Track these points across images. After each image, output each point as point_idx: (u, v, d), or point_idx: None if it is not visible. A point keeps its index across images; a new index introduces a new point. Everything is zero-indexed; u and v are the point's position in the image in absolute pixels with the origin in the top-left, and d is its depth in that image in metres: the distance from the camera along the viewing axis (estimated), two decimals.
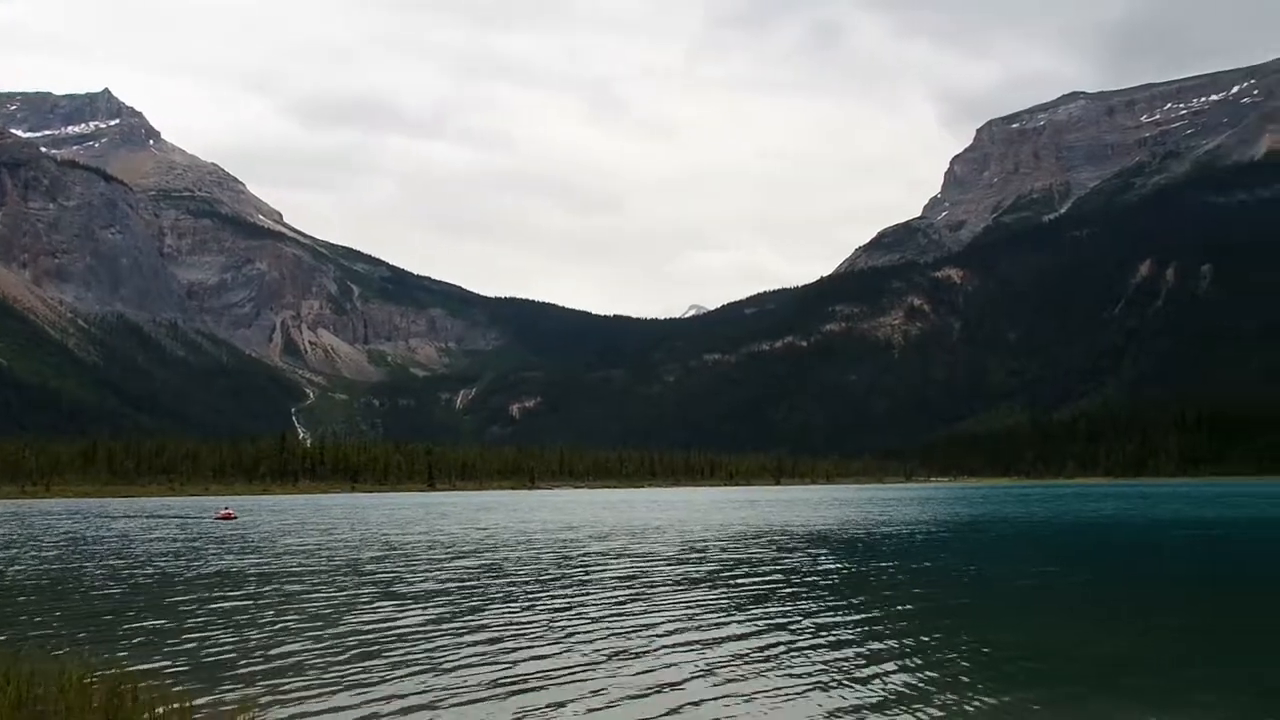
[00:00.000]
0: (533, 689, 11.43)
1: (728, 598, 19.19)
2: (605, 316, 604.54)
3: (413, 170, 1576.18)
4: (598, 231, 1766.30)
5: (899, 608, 17.81)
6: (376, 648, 14.13)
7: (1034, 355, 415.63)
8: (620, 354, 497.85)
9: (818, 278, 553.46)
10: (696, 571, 24.28)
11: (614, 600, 18.91)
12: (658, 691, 11.31)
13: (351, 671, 12.45)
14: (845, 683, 11.62)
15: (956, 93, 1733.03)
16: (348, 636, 15.20)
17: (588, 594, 19.96)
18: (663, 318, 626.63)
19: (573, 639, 14.66)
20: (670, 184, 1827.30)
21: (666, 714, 10.45)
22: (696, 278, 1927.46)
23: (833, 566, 25.33)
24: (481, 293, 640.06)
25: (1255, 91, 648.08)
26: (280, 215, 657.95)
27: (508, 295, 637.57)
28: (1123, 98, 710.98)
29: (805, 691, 11.26)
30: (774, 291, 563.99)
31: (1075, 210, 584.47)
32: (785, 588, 20.71)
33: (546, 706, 10.67)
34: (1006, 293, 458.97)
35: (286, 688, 11.58)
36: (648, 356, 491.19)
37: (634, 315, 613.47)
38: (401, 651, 13.78)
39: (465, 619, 16.84)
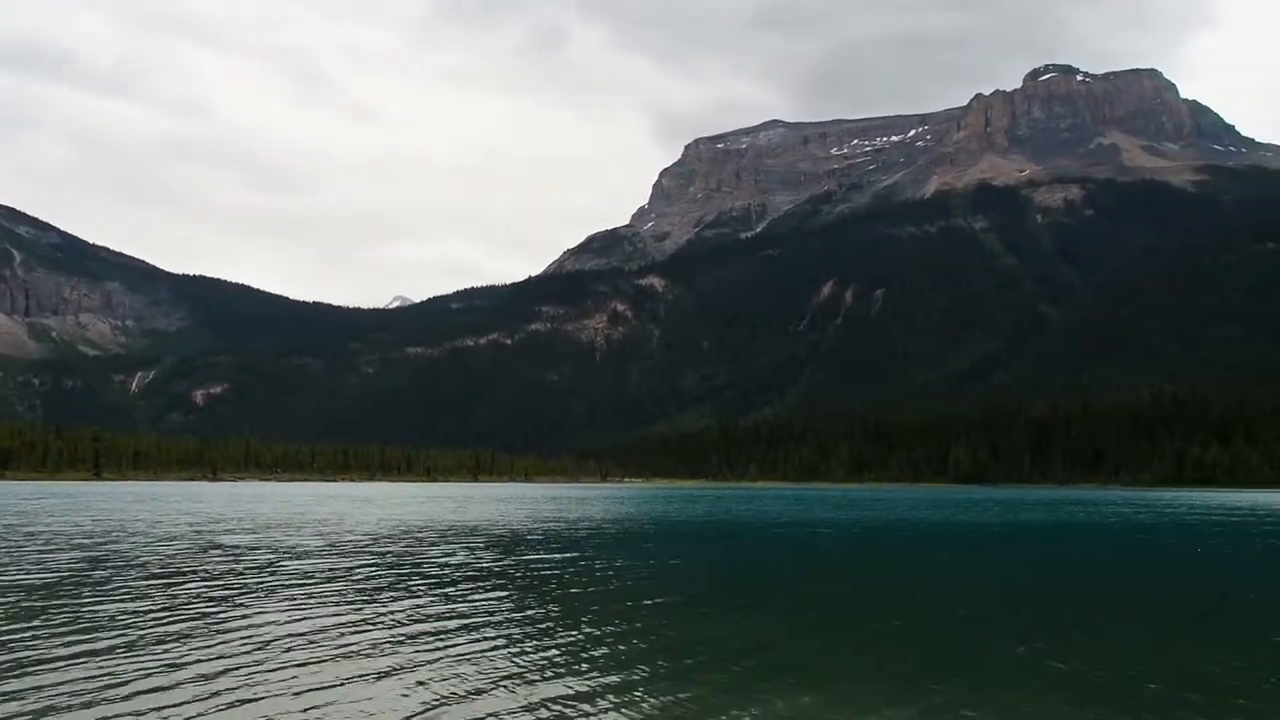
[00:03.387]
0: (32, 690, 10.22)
1: (347, 593, 18.35)
2: (302, 302, 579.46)
3: (91, 130, 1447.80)
4: (298, 212, 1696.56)
5: (520, 599, 17.67)
6: None
7: (725, 364, 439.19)
8: (317, 342, 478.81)
9: (525, 277, 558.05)
10: (332, 566, 23.24)
11: (218, 597, 17.60)
12: (199, 681, 10.42)
13: None
14: (422, 673, 11.20)
15: (667, 110, 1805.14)
16: None
17: (194, 590, 18.48)
18: (365, 307, 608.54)
19: (142, 638, 13.36)
20: (377, 170, 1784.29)
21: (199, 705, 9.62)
22: (402, 269, 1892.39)
23: (471, 560, 25.02)
24: (167, 269, 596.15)
25: (928, 136, 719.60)
26: None
27: (196, 273, 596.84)
28: (816, 130, 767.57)
29: (377, 683, 10.74)
30: (481, 288, 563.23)
31: (770, 230, 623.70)
32: (410, 581, 20.14)
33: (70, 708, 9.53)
34: (703, 303, 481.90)
35: None
36: (346, 346, 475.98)
37: (334, 303, 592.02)
38: None
39: (44, 618, 15.02)
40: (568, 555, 27.22)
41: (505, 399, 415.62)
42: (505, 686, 10.78)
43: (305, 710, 9.85)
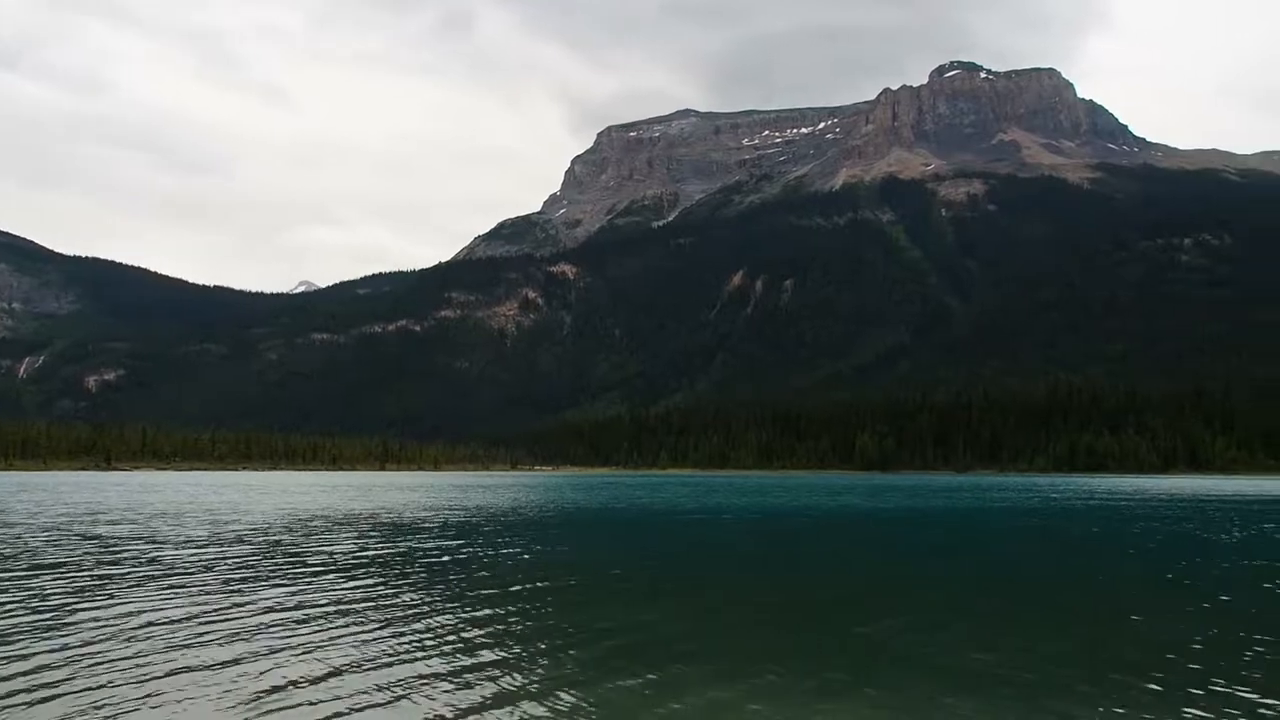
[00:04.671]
0: None
1: (220, 582, 17.72)
2: (203, 286, 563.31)
3: None
4: (200, 195, 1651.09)
5: (401, 586, 17.27)
6: None
7: (636, 352, 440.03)
8: (218, 327, 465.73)
9: (435, 263, 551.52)
10: (211, 556, 22.51)
11: (82, 588, 16.85)
12: (42, 673, 9.88)
13: None
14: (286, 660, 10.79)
15: (580, 98, 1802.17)
16: None
17: (59, 582, 17.68)
18: (269, 292, 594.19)
19: None
20: (285, 153, 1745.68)
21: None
22: (308, 253, 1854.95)
23: (357, 548, 24.48)
24: (58, 249, 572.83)
25: (837, 129, 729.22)
26: None
27: (89, 255, 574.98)
28: (728, 120, 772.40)
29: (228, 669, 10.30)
30: (390, 273, 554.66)
31: (681, 219, 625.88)
32: (290, 569, 19.58)
33: None
34: (615, 291, 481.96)
35: None
36: (249, 332, 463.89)
37: (236, 287, 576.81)
38: None
39: None
40: (460, 543, 26.81)
41: (414, 386, 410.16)
42: (371, 672, 10.43)
43: (149, 698, 9.41)
